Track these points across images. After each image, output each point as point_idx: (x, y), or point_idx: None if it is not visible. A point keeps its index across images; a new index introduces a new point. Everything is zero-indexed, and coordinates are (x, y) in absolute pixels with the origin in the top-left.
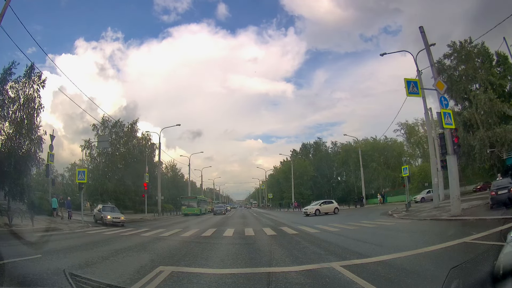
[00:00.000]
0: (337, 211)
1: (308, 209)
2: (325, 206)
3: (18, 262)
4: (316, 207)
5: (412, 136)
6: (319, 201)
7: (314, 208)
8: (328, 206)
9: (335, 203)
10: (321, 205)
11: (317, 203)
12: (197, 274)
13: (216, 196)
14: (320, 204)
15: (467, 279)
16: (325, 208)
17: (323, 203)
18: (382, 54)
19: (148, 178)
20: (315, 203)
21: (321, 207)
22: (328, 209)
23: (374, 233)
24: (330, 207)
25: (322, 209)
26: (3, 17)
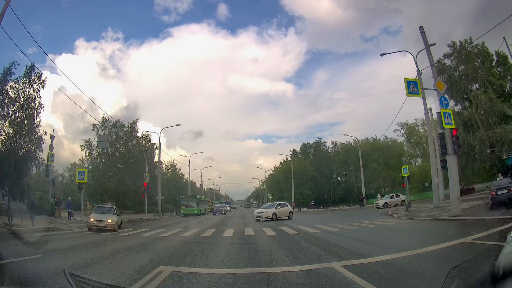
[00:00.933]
0: (292, 216)
1: (263, 212)
2: (281, 209)
3: (18, 262)
4: (273, 211)
5: (412, 136)
6: (274, 203)
7: (271, 211)
8: (283, 210)
9: (289, 207)
10: (277, 208)
11: (271, 206)
12: (197, 274)
13: (216, 196)
14: (276, 207)
15: (467, 279)
16: (281, 212)
17: (279, 206)
18: (382, 54)
19: (148, 178)
20: (268, 205)
21: (277, 210)
22: (283, 213)
23: (374, 233)
24: (285, 211)
25: (279, 213)
26: (3, 17)
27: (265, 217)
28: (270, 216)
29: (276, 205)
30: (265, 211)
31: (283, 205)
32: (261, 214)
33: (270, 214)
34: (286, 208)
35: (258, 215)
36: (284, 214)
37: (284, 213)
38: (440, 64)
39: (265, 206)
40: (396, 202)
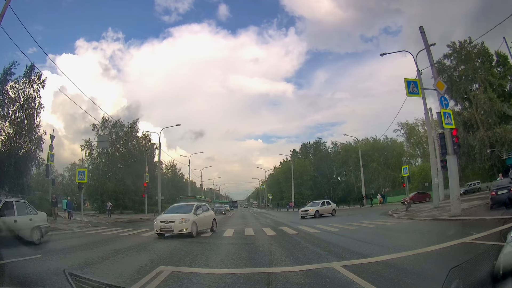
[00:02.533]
0: (335, 213)
1: (308, 210)
2: (323, 207)
3: (18, 262)
4: (316, 208)
5: (412, 136)
6: (318, 201)
7: (315, 209)
8: (327, 208)
9: (333, 204)
10: (320, 206)
11: (315, 204)
12: (197, 274)
13: (216, 196)
14: (320, 205)
15: (467, 279)
16: (324, 209)
17: (322, 204)
18: (382, 54)
19: (148, 178)
20: (312, 203)
21: (320, 208)
22: (326, 210)
23: (374, 233)
24: (329, 209)
25: (322, 210)
26: (3, 17)
27: (310, 215)
28: (313, 214)
29: (320, 203)
30: (309, 209)
31: (326, 203)
32: (307, 212)
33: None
34: (329, 206)
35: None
36: (327, 212)
37: (327, 210)
38: (440, 64)
39: (310, 205)
40: (327, 211)
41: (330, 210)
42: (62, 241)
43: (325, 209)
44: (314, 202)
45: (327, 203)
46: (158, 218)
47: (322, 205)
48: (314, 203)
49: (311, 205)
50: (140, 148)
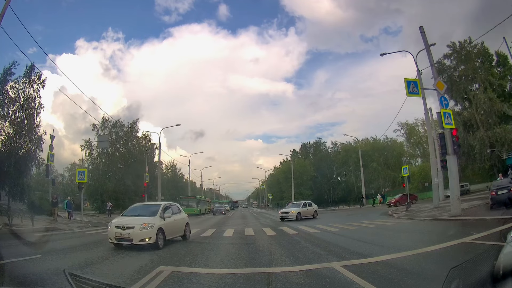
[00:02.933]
0: (316, 215)
1: (289, 213)
2: (305, 209)
3: (18, 262)
4: (298, 210)
5: (412, 136)
6: (299, 202)
7: (297, 210)
8: (308, 209)
9: (314, 206)
10: (302, 208)
11: (296, 205)
12: (197, 274)
13: (216, 196)
14: (301, 206)
15: (467, 279)
16: (306, 211)
17: (304, 205)
18: (382, 54)
19: (148, 178)
20: (292, 204)
21: (302, 209)
22: (308, 212)
23: (374, 233)
24: (310, 211)
25: (304, 212)
26: (3, 17)
27: (291, 217)
28: (294, 217)
29: (301, 204)
30: (291, 211)
31: (308, 205)
32: (287, 214)
33: (295, 215)
34: (311, 207)
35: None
36: (309, 214)
37: (309, 212)
38: (440, 64)
39: (290, 206)
40: (309, 213)
41: (311, 212)
42: (62, 241)
43: (307, 211)
44: (294, 203)
45: (309, 204)
46: (113, 222)
47: (303, 206)
48: (295, 204)
49: (292, 206)
50: (140, 148)
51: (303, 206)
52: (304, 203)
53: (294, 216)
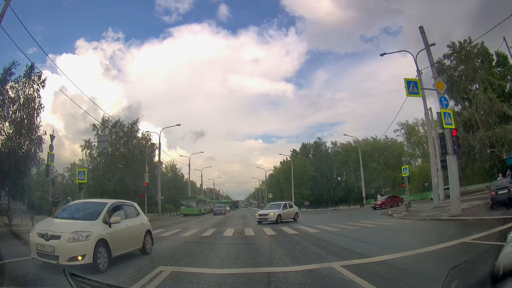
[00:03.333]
0: (297, 218)
1: (268, 215)
2: (285, 211)
3: (18, 262)
4: (278, 212)
5: (412, 136)
6: (279, 203)
7: (276, 213)
8: (289, 211)
9: (295, 207)
10: (282, 209)
11: (275, 206)
12: (197, 274)
13: (216, 196)
14: (281, 208)
15: (467, 279)
16: (286, 213)
17: (284, 207)
18: (382, 54)
19: (148, 178)
20: (270, 205)
21: (283, 211)
22: (289, 215)
23: (374, 233)
24: (291, 213)
25: (284, 214)
26: (3, 17)
27: (270, 220)
28: (274, 219)
29: (281, 205)
30: (270, 213)
31: (288, 206)
32: (266, 216)
33: (275, 217)
34: (291, 209)
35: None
36: (289, 216)
37: (290, 214)
38: (440, 64)
39: (268, 207)
40: (289, 215)
41: (292, 214)
42: None
43: (288, 213)
44: (274, 204)
45: (289, 206)
46: (36, 227)
47: (284, 207)
48: (274, 205)
49: (271, 207)
50: (140, 148)
51: (283, 207)
52: (284, 204)
53: (274, 219)
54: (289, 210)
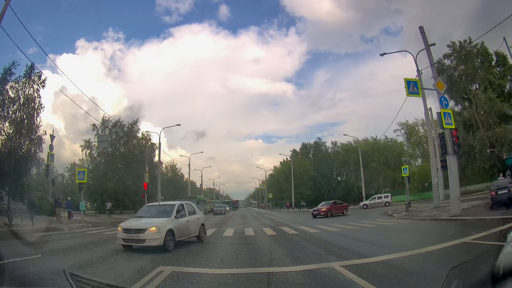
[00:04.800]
0: (346, 212)
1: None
2: (336, 206)
3: (18, 262)
4: (329, 208)
5: (412, 136)
6: (329, 201)
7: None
8: (338, 207)
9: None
10: (332, 205)
11: (327, 203)
12: (197, 274)
13: (216, 196)
14: (331, 205)
15: (467, 279)
16: (336, 209)
17: (334, 203)
18: (382, 54)
19: (148, 178)
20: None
21: (332, 207)
22: (338, 210)
23: (374, 233)
24: (340, 208)
25: (334, 209)
26: (3, 17)
27: (321, 213)
28: (325, 213)
29: (331, 203)
30: (322, 208)
31: (338, 203)
32: (316, 212)
33: (325, 212)
34: (341, 205)
35: (315, 213)
36: (339, 211)
37: (339, 210)
38: (440, 64)
39: (322, 204)
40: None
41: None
42: (62, 241)
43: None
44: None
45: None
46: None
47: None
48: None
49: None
50: (140, 148)
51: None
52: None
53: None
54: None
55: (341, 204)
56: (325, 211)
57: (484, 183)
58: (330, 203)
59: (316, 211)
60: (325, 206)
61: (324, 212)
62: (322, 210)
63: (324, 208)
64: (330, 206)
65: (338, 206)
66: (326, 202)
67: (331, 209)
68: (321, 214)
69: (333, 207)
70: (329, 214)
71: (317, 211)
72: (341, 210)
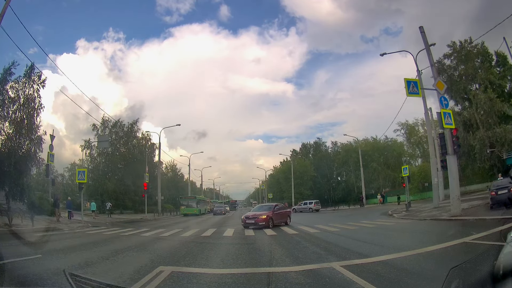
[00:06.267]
0: (289, 221)
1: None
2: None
3: (18, 262)
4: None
5: (412, 136)
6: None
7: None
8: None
9: (287, 210)
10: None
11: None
12: (197, 274)
13: (216, 196)
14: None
15: (467, 279)
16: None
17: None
18: (382, 54)
19: (148, 178)
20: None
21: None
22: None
23: (374, 233)
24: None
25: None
26: (3, 17)
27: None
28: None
29: (272, 207)
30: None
31: (280, 207)
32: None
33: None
34: (284, 211)
35: (249, 221)
36: (281, 220)
37: (282, 218)
38: (440, 64)
39: (258, 208)
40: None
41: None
42: (62, 241)
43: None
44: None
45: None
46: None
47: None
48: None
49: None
50: (140, 148)
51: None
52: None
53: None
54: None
55: (284, 210)
56: (266, 219)
57: (484, 183)
58: (271, 207)
59: (250, 220)
60: (264, 212)
61: (264, 221)
62: (261, 219)
63: (264, 215)
64: (271, 212)
65: (281, 213)
66: (264, 205)
67: (273, 216)
68: (259, 224)
69: (276, 213)
70: (271, 224)
71: (252, 220)
72: (284, 218)
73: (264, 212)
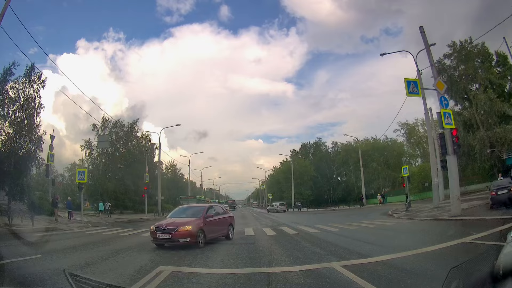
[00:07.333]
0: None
1: None
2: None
3: (18, 262)
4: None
5: (412, 136)
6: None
7: None
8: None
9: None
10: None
11: None
12: (197, 274)
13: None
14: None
15: (467, 279)
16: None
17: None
18: (382, 54)
19: (148, 178)
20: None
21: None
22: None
23: (374, 233)
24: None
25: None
26: (3, 17)
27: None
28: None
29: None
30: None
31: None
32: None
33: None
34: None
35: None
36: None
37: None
38: (440, 64)
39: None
40: None
41: None
42: (62, 241)
43: None
44: None
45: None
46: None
47: None
48: None
49: None
50: (140, 148)
51: None
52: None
53: None
54: None
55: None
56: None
57: (484, 183)
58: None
59: (164, 234)
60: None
61: (188, 235)
62: (183, 232)
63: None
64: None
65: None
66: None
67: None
68: (180, 240)
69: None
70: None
71: (167, 234)
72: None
73: (188, 219)
